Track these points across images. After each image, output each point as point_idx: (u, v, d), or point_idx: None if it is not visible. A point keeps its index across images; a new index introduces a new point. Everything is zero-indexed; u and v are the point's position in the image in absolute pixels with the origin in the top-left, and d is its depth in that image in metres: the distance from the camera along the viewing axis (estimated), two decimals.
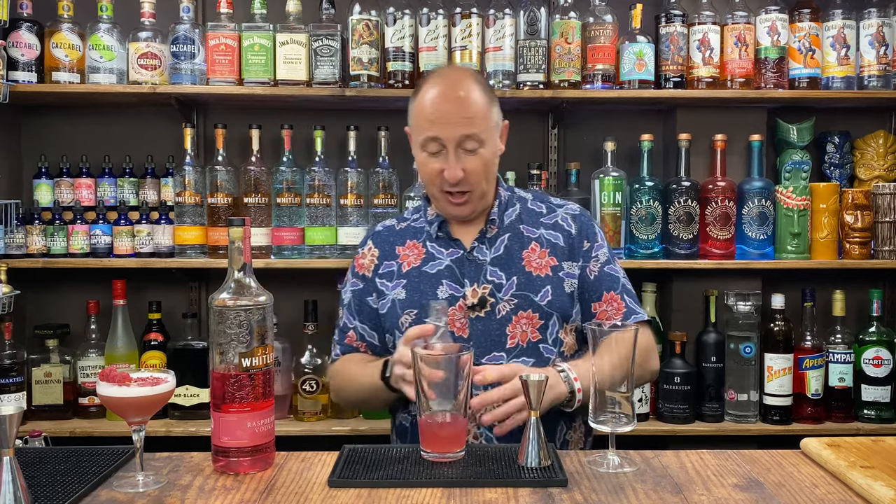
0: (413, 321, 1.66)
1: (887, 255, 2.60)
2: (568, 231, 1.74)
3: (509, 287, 1.66)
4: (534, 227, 1.74)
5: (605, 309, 1.71)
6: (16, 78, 2.48)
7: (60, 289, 2.76)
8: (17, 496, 1.02)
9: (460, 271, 1.69)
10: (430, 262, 1.72)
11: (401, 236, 1.79)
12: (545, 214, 1.77)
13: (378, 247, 1.79)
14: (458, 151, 1.62)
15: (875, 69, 2.61)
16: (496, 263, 1.69)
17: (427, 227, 1.76)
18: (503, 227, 1.73)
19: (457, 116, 1.61)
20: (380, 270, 1.76)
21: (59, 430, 2.44)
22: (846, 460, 1.28)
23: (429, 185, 1.71)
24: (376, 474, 1.24)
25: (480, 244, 1.71)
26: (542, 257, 1.70)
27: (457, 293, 1.67)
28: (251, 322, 1.26)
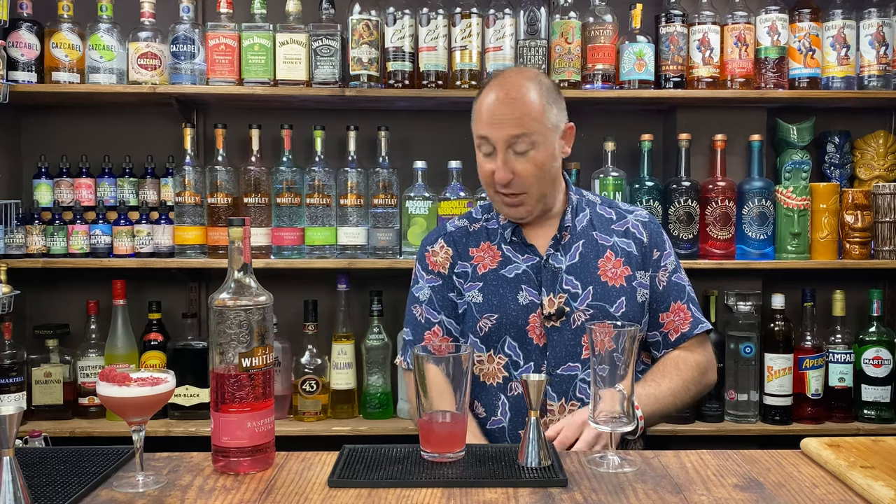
0: (493, 326, 1.67)
1: (887, 255, 2.60)
2: (640, 239, 1.73)
3: (585, 297, 1.65)
4: (607, 235, 1.72)
5: (672, 319, 1.72)
6: (16, 78, 2.48)
7: (60, 289, 2.76)
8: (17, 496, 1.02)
9: (537, 278, 1.68)
10: (508, 265, 1.71)
11: (475, 238, 1.77)
12: (616, 221, 1.76)
13: (451, 246, 1.78)
14: (509, 153, 1.62)
15: (875, 69, 2.61)
16: (572, 272, 1.67)
17: (500, 229, 1.75)
18: (576, 234, 1.71)
19: (506, 117, 1.61)
20: (455, 270, 1.75)
21: (59, 430, 2.44)
22: (846, 460, 1.28)
23: (485, 186, 1.71)
24: (376, 474, 1.23)
25: (555, 251, 1.69)
26: (617, 266, 1.69)
27: (536, 300, 1.66)
28: (251, 322, 1.26)
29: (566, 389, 1.64)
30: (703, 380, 1.72)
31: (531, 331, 1.65)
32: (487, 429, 1.69)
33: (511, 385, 1.67)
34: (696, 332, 1.72)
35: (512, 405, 1.67)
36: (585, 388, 1.63)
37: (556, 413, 1.63)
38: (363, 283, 2.72)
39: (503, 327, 1.67)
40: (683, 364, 1.69)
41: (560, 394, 1.64)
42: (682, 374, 1.67)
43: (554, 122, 1.67)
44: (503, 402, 1.68)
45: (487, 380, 1.69)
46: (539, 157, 1.63)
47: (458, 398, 1.29)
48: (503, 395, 1.68)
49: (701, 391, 1.73)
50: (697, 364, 1.71)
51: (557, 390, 1.64)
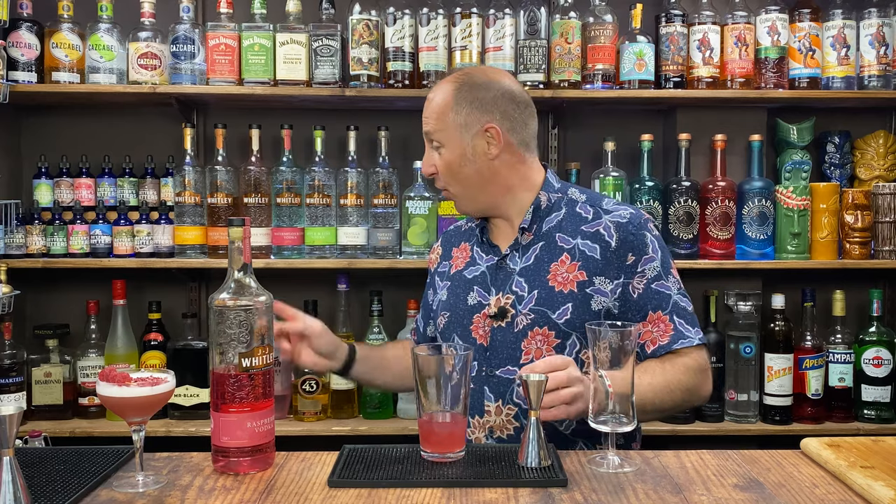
0: (446, 323, 1.71)
1: (887, 255, 2.60)
2: (607, 242, 1.59)
3: (529, 300, 1.60)
4: (570, 237, 1.63)
5: (650, 330, 1.58)
6: (16, 78, 2.48)
7: (60, 289, 2.76)
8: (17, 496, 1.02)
9: (492, 278, 1.67)
10: (471, 266, 1.72)
11: (459, 237, 1.82)
12: (589, 221, 1.63)
13: (442, 246, 1.85)
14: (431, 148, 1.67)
15: (875, 69, 2.61)
16: (524, 274, 1.63)
17: (476, 230, 1.76)
18: (539, 235, 1.65)
19: (427, 113, 1.66)
20: (438, 269, 1.82)
21: (59, 430, 2.44)
22: (846, 460, 1.28)
23: None
24: (376, 474, 1.23)
25: (514, 252, 1.66)
26: (571, 271, 1.59)
27: (483, 300, 1.65)
28: (251, 322, 1.26)
29: (503, 392, 1.60)
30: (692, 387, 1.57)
31: (475, 330, 1.65)
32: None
33: None
34: (676, 346, 1.56)
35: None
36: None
37: (493, 414, 1.60)
38: (363, 283, 2.72)
39: (452, 325, 1.69)
40: (671, 366, 1.56)
41: (497, 395, 1.60)
42: (666, 374, 1.54)
43: (461, 121, 1.61)
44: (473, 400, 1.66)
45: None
46: (447, 156, 1.64)
47: (459, 398, 1.29)
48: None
49: (688, 399, 1.59)
50: (688, 369, 1.57)
51: (495, 391, 1.61)
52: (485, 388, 1.62)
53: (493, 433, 1.61)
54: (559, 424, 1.57)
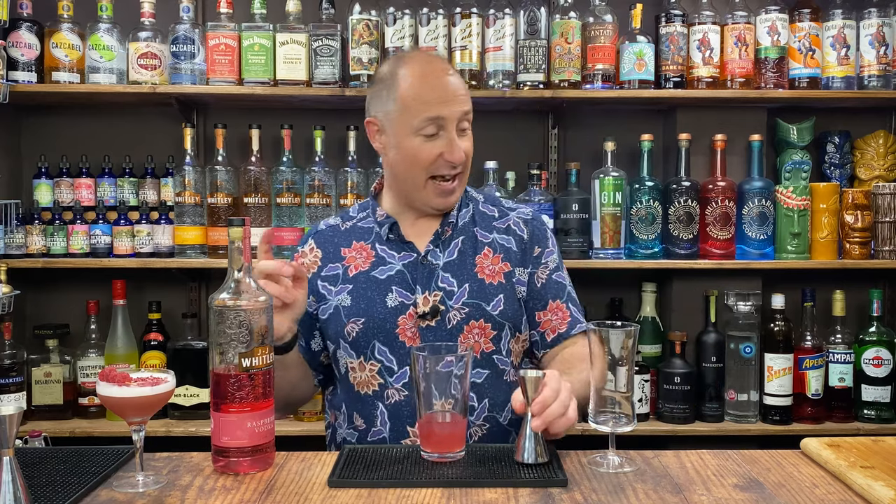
0: (360, 330, 1.56)
1: (887, 255, 2.60)
2: (521, 236, 1.65)
3: (461, 295, 1.56)
4: (487, 232, 1.64)
5: (550, 318, 1.63)
6: (16, 78, 2.48)
7: (60, 289, 2.76)
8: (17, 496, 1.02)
9: (412, 276, 1.58)
10: (380, 266, 1.60)
11: (346, 237, 1.66)
12: (498, 218, 1.67)
13: (321, 247, 1.67)
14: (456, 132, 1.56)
15: (875, 69, 2.61)
16: (448, 269, 1.59)
17: (376, 227, 1.64)
18: (457, 230, 1.63)
19: (458, 93, 1.56)
20: (322, 273, 1.63)
21: (59, 430, 2.44)
22: (846, 460, 1.28)
23: (415, 174, 1.57)
24: (376, 474, 1.23)
25: (435, 247, 1.61)
26: (496, 263, 1.61)
27: (406, 300, 1.56)
28: (251, 322, 1.26)
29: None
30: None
31: (402, 333, 1.55)
32: (369, 441, 1.56)
33: (387, 393, 1.55)
34: (574, 332, 1.62)
35: (391, 414, 1.55)
36: None
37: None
38: None
39: (370, 331, 1.56)
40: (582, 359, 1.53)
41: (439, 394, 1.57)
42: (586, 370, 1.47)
43: None
44: (381, 412, 1.55)
45: (362, 389, 1.58)
46: (471, 136, 1.60)
47: (459, 398, 1.29)
48: (381, 404, 1.55)
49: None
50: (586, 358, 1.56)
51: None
52: None
53: None
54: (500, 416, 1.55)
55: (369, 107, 1.66)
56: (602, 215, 2.57)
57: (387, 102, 1.59)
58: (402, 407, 1.54)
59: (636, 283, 2.73)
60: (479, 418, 1.55)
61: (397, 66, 1.60)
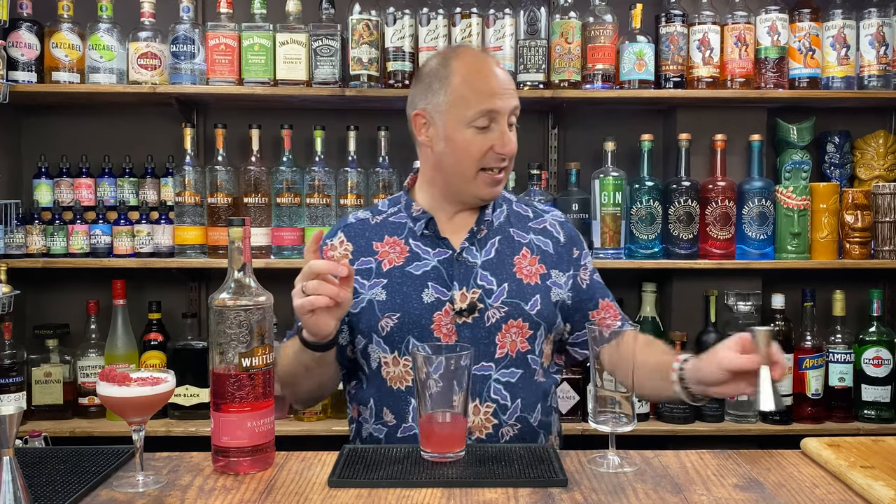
0: (395, 325, 1.56)
1: (887, 255, 2.60)
2: (557, 238, 1.68)
3: (500, 293, 1.57)
4: (524, 232, 1.67)
5: (604, 316, 1.67)
6: (16, 78, 2.48)
7: (60, 289, 2.76)
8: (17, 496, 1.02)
9: (448, 273, 1.58)
10: (415, 261, 1.60)
11: (377, 231, 1.66)
12: (532, 219, 1.70)
13: (352, 241, 1.66)
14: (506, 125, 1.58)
15: (875, 69, 2.61)
16: (487, 267, 1.60)
17: (410, 223, 1.64)
18: (493, 229, 1.65)
19: (509, 87, 1.59)
20: (354, 266, 1.60)
21: (59, 430, 2.44)
22: (846, 460, 1.28)
23: (465, 166, 1.58)
24: (376, 474, 1.23)
25: (471, 245, 1.61)
26: (533, 264, 1.63)
27: (443, 297, 1.56)
28: (251, 322, 1.26)
29: (479, 390, 1.54)
30: None
31: (437, 329, 1.55)
32: (399, 437, 1.55)
33: None
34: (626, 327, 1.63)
35: None
36: (500, 388, 1.55)
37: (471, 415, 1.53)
38: None
39: (405, 327, 1.56)
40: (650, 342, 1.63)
41: (473, 395, 1.54)
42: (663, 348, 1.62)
43: None
44: (413, 408, 1.54)
45: (395, 384, 1.57)
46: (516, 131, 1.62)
47: (458, 398, 1.29)
48: (413, 400, 1.54)
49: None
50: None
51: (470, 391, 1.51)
52: None
53: (472, 434, 1.54)
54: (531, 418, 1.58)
55: (415, 100, 1.67)
56: (602, 215, 2.57)
57: (437, 95, 1.60)
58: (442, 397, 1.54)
59: (636, 283, 2.73)
60: (511, 418, 1.55)
61: (449, 60, 1.62)
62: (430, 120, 1.62)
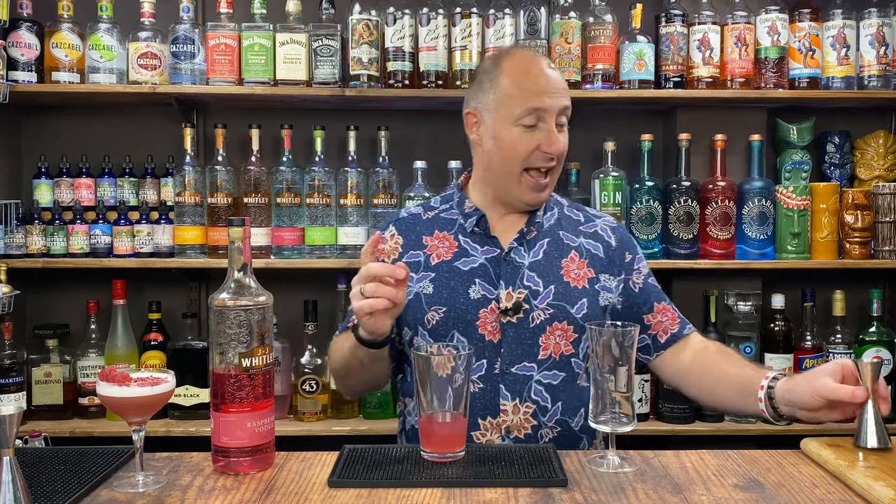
0: (441, 319, 1.58)
1: (887, 255, 2.60)
2: (608, 242, 1.68)
3: (546, 295, 1.58)
4: (574, 235, 1.67)
5: (661, 320, 1.67)
6: (16, 78, 2.48)
7: (60, 289, 2.76)
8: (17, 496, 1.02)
9: (495, 272, 1.60)
10: (463, 257, 1.61)
11: (428, 226, 1.68)
12: (583, 223, 1.71)
13: (402, 234, 1.68)
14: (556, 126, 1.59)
15: (875, 69, 2.61)
16: (534, 269, 1.61)
17: (461, 219, 1.66)
18: (543, 231, 1.66)
19: (559, 87, 1.60)
20: (403, 259, 1.64)
21: (59, 430, 2.44)
22: (846, 460, 1.28)
23: (511, 165, 1.59)
24: (376, 474, 1.23)
25: (519, 246, 1.63)
26: (581, 268, 1.63)
27: (489, 294, 1.58)
28: (251, 322, 1.26)
29: (521, 390, 1.55)
30: None
31: (482, 326, 1.57)
32: None
33: None
34: (686, 331, 1.67)
35: None
36: (541, 390, 1.56)
37: (510, 414, 1.55)
38: None
39: (451, 321, 1.57)
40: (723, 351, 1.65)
41: (514, 394, 1.55)
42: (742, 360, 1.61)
43: None
44: None
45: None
46: (567, 133, 1.62)
47: (459, 398, 1.29)
48: None
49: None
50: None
51: (511, 390, 1.56)
52: (500, 387, 1.56)
53: (510, 433, 1.56)
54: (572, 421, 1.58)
55: (468, 100, 1.68)
56: None
57: (488, 93, 1.62)
58: (475, 398, 1.56)
59: None
60: (551, 420, 1.56)
61: (500, 59, 1.65)
62: (481, 119, 1.64)
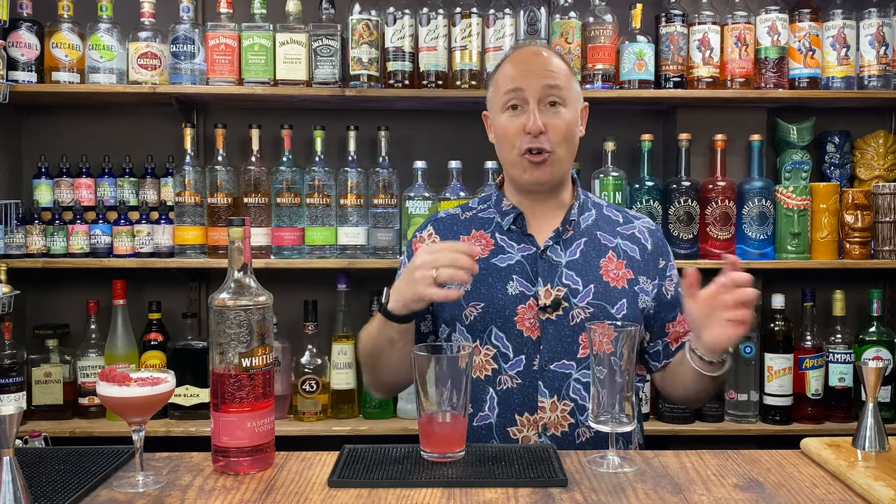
0: (479, 315, 1.59)
1: (887, 255, 2.60)
2: (644, 245, 1.68)
3: (586, 294, 1.59)
4: (611, 236, 1.68)
5: (678, 329, 1.67)
6: (16, 78, 2.48)
7: (60, 289, 2.76)
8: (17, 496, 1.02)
9: (532, 269, 1.60)
10: (500, 255, 1.63)
11: (465, 226, 1.70)
12: (622, 224, 1.71)
13: (439, 233, 1.70)
14: (541, 107, 1.59)
15: (875, 69, 2.61)
16: (572, 267, 1.61)
17: (498, 217, 1.68)
18: (579, 231, 1.66)
19: (542, 68, 1.61)
20: None
21: (59, 430, 2.44)
22: (846, 460, 1.28)
23: (507, 151, 1.63)
24: (376, 474, 1.23)
25: (555, 244, 1.63)
26: (619, 268, 1.64)
27: (528, 291, 1.59)
28: (251, 322, 1.26)
29: (559, 387, 1.57)
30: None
31: (520, 322, 1.58)
32: (474, 425, 1.58)
33: (500, 378, 1.58)
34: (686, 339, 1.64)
35: (501, 400, 1.58)
36: (580, 388, 1.57)
37: (548, 411, 1.56)
38: (363, 283, 2.72)
39: (489, 316, 1.59)
40: None
41: (553, 391, 1.57)
42: None
43: (577, 91, 1.66)
44: (491, 397, 1.58)
45: (474, 373, 1.60)
46: (567, 116, 1.61)
47: (459, 398, 1.29)
48: (491, 389, 1.58)
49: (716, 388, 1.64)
50: None
51: (550, 387, 1.57)
52: (538, 384, 1.56)
53: (548, 430, 1.56)
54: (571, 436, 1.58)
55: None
56: None
57: (490, 91, 1.68)
58: (513, 394, 1.57)
59: None
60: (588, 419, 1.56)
61: (502, 58, 1.71)
62: (490, 118, 1.70)
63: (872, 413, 1.32)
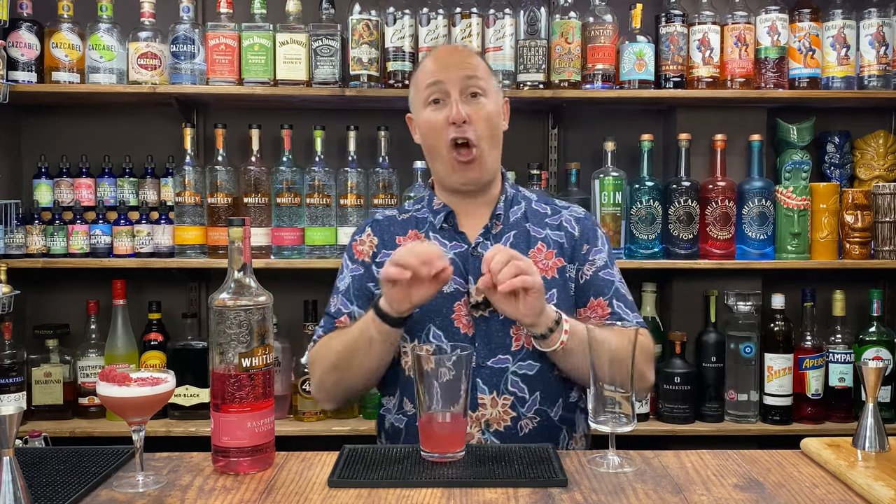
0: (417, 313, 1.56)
1: (887, 255, 2.60)
2: (571, 233, 1.69)
3: None
4: (540, 227, 1.69)
5: (588, 315, 1.64)
6: (16, 78, 2.48)
7: (60, 289, 2.76)
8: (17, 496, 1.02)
9: (464, 266, 1.63)
10: None
11: (402, 226, 1.72)
12: (550, 215, 1.72)
13: (377, 235, 1.72)
14: (463, 98, 1.60)
15: (875, 69, 2.61)
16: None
17: (431, 216, 1.70)
18: (508, 225, 1.68)
19: (460, 60, 1.63)
20: (377, 259, 1.68)
21: (59, 430, 2.44)
22: (846, 460, 1.28)
23: (434, 146, 1.63)
24: (376, 474, 1.24)
25: (485, 240, 1.65)
26: (549, 258, 1.65)
27: (462, 288, 1.61)
28: (251, 322, 1.26)
29: (497, 382, 1.56)
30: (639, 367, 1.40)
31: (457, 319, 1.58)
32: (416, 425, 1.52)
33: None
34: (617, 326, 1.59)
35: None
36: (517, 381, 1.57)
37: (488, 407, 1.55)
38: None
39: (427, 315, 1.59)
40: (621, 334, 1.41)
41: (491, 387, 1.56)
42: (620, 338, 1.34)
43: (496, 86, 1.68)
44: None
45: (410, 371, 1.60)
46: (489, 106, 1.62)
47: (459, 398, 1.29)
48: None
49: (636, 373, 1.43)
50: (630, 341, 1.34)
51: (488, 383, 1.56)
52: (477, 381, 1.57)
53: (490, 426, 1.56)
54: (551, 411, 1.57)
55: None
56: (602, 215, 2.57)
57: (411, 91, 1.72)
58: None
59: (636, 283, 2.73)
60: (529, 410, 1.57)
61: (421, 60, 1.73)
62: (413, 118, 1.73)
63: (872, 413, 1.32)
